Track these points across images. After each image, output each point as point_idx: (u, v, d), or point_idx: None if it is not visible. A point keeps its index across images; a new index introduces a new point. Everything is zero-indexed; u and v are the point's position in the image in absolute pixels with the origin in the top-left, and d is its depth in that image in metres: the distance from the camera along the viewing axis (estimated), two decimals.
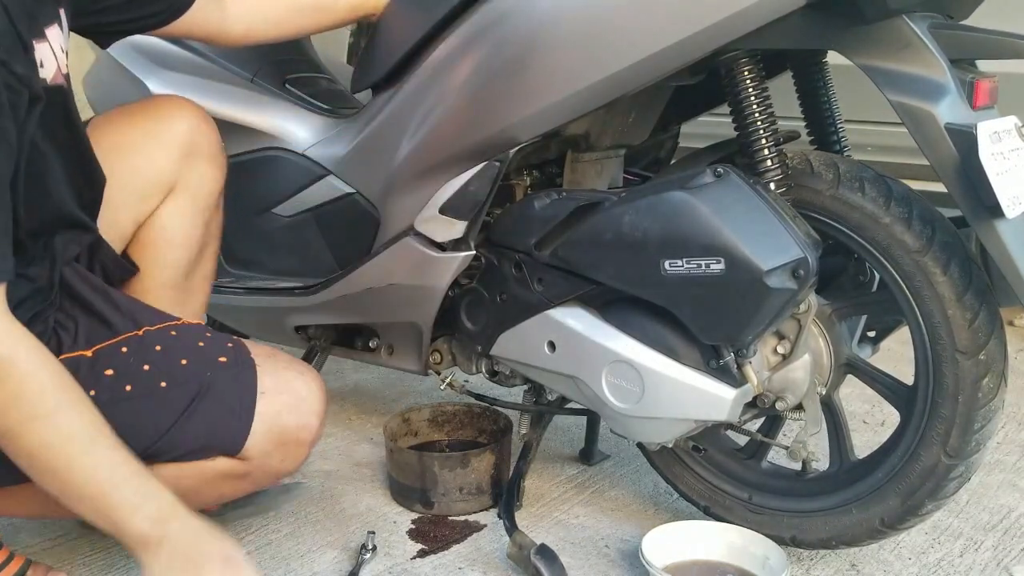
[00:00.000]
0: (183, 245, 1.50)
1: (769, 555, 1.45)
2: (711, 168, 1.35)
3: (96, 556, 1.56)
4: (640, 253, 1.36)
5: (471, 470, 1.69)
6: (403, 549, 1.60)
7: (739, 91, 1.40)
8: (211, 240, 1.57)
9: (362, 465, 1.91)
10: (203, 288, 1.59)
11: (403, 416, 1.87)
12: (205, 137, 1.50)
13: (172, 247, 1.49)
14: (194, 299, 1.57)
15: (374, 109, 1.66)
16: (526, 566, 1.48)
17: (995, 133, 1.21)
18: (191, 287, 1.54)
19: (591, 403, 1.50)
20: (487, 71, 1.45)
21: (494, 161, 1.48)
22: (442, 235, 1.54)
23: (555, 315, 1.49)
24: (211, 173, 1.52)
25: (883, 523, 1.43)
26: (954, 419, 1.34)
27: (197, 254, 1.53)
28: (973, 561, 1.57)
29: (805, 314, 1.39)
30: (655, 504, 1.76)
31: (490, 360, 1.64)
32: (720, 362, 1.38)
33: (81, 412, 1.12)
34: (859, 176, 1.36)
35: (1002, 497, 1.78)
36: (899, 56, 1.25)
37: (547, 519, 1.70)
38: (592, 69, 1.37)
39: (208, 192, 1.52)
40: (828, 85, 1.63)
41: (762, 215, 1.31)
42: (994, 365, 1.32)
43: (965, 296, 1.30)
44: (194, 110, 1.51)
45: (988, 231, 1.22)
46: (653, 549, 1.45)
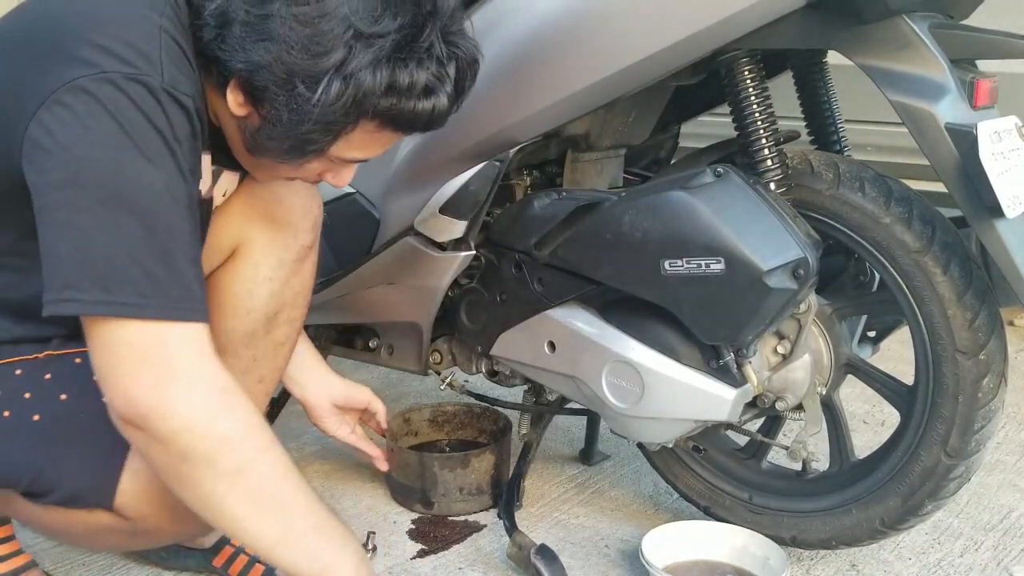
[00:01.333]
0: (235, 315, 1.37)
1: (769, 555, 1.45)
2: (711, 168, 1.35)
3: (96, 557, 1.55)
4: (640, 253, 1.36)
5: (471, 470, 1.69)
6: (403, 549, 1.60)
7: (739, 91, 1.40)
8: (284, 307, 1.41)
9: (362, 465, 1.91)
10: (273, 355, 1.43)
11: (403, 416, 1.87)
12: (287, 204, 1.38)
13: (223, 314, 1.37)
14: (259, 367, 1.42)
15: None
16: (526, 566, 1.48)
17: (995, 133, 1.21)
18: (256, 355, 1.41)
19: (591, 403, 1.50)
20: (487, 71, 1.44)
21: (494, 161, 1.48)
22: (442, 235, 1.54)
23: (555, 315, 1.49)
24: (280, 239, 1.37)
25: (883, 523, 1.43)
26: (954, 419, 1.34)
27: (262, 322, 1.39)
28: (973, 561, 1.57)
29: (805, 314, 1.39)
30: (655, 504, 1.76)
31: (490, 360, 1.64)
32: (720, 362, 1.38)
33: (282, 447, 1.09)
34: (859, 176, 1.36)
35: (1002, 497, 1.78)
36: (899, 56, 1.25)
37: (547, 519, 1.70)
38: (592, 69, 1.37)
39: (278, 260, 1.38)
40: (828, 85, 1.63)
41: (762, 215, 1.31)
42: (994, 365, 1.32)
43: (965, 296, 1.30)
44: (309, 190, 1.41)
45: (988, 231, 1.22)
46: (653, 549, 1.45)
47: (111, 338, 0.98)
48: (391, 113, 1.05)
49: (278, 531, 1.05)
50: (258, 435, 1.04)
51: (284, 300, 1.41)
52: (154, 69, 0.99)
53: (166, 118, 0.99)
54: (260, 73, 1.02)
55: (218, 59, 1.05)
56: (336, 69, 1.00)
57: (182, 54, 1.04)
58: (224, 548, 1.46)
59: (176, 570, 1.51)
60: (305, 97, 1.02)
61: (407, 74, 1.03)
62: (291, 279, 1.40)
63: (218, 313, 1.38)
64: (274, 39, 1.00)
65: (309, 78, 1.01)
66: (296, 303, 1.44)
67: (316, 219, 1.42)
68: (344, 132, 1.07)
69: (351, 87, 1.01)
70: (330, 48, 1.00)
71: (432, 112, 1.07)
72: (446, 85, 1.07)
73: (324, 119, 1.04)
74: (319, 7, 1.00)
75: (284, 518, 1.05)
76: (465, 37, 1.10)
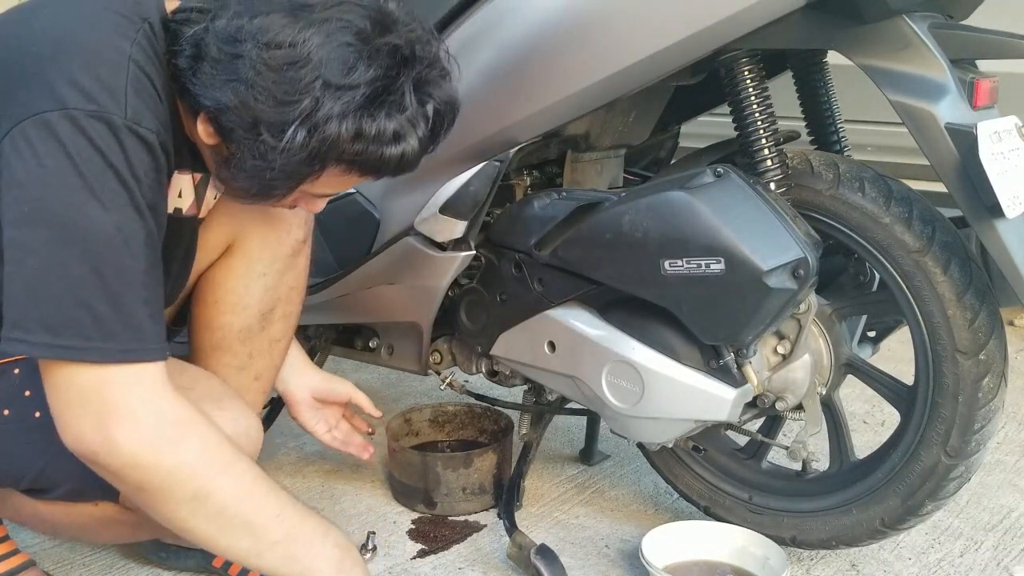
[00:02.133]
0: (230, 311, 1.39)
1: (769, 555, 1.45)
2: (711, 168, 1.35)
3: (96, 557, 1.56)
4: (640, 253, 1.36)
5: (474, 470, 1.69)
6: (403, 549, 1.60)
7: (739, 91, 1.40)
8: (278, 303, 1.43)
9: (362, 465, 1.91)
10: (269, 352, 1.45)
11: (404, 416, 1.87)
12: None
13: (219, 310, 1.39)
14: (255, 364, 1.44)
15: None
16: (526, 566, 1.48)
17: (995, 133, 1.21)
18: (252, 351, 1.42)
19: (591, 403, 1.50)
20: (487, 71, 1.45)
21: (494, 161, 1.48)
22: (442, 235, 1.54)
23: (555, 315, 1.49)
24: (274, 235, 1.39)
25: (883, 523, 1.43)
26: (954, 419, 1.34)
27: (257, 318, 1.41)
28: (973, 561, 1.57)
29: (805, 314, 1.39)
30: (655, 504, 1.76)
31: (490, 360, 1.64)
32: (720, 362, 1.38)
33: (246, 456, 1.11)
34: (859, 176, 1.36)
35: (1002, 497, 1.78)
36: (899, 56, 1.25)
37: (547, 519, 1.70)
38: (592, 69, 1.37)
39: (272, 256, 1.39)
40: (828, 85, 1.63)
41: (762, 215, 1.31)
42: (994, 365, 1.32)
43: (965, 296, 1.30)
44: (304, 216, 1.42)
45: (988, 231, 1.22)
46: (653, 549, 1.45)
47: (58, 379, 1.01)
48: (358, 160, 1.04)
49: (248, 545, 1.09)
50: (214, 460, 1.06)
51: (279, 295, 1.42)
52: (117, 104, 0.99)
53: (124, 156, 0.99)
54: (227, 114, 1.02)
55: (189, 91, 1.04)
56: (302, 119, 0.99)
57: (150, 85, 1.03)
58: None
59: (176, 570, 1.51)
60: (270, 145, 1.01)
61: (375, 125, 1.01)
62: (285, 274, 1.41)
63: (214, 309, 1.39)
64: (242, 82, 0.99)
65: (274, 126, 1.00)
66: (291, 298, 1.45)
67: (309, 215, 1.42)
68: (309, 178, 1.07)
69: (316, 138, 1.00)
70: (297, 98, 0.99)
71: (401, 159, 1.06)
72: (417, 132, 1.05)
73: (287, 168, 1.03)
74: (290, 53, 0.98)
75: (252, 533, 1.08)
76: (441, 82, 1.08)
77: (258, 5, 1.01)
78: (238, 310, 1.39)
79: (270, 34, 0.98)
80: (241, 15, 1.00)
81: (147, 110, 1.02)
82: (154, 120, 1.03)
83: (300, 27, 0.98)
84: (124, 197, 1.00)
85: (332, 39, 0.99)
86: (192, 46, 1.03)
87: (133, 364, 1.01)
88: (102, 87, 0.99)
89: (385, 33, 1.02)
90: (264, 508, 1.09)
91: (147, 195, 1.02)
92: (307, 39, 0.98)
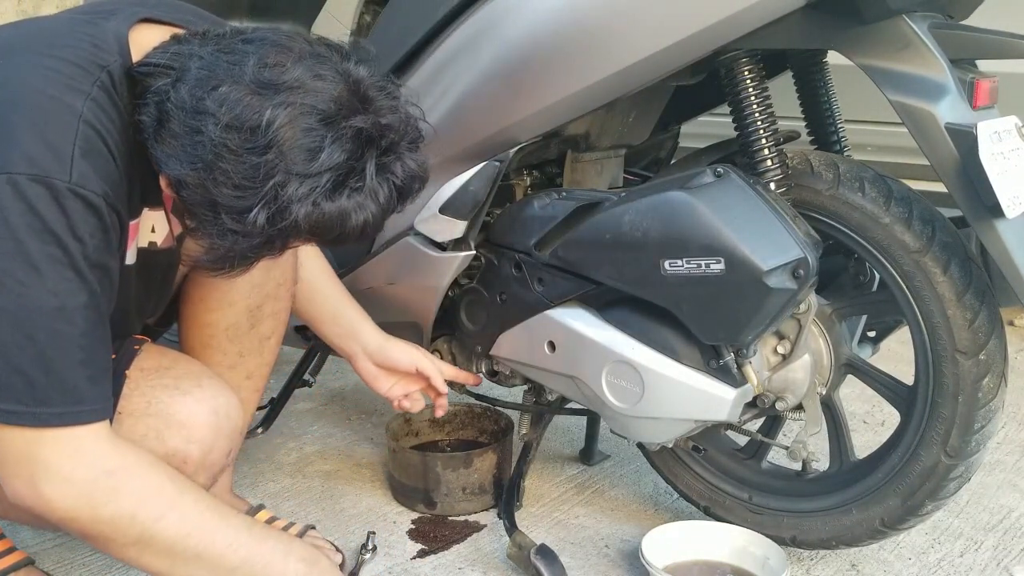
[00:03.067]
0: (217, 308, 1.39)
1: (769, 555, 1.45)
2: (711, 168, 1.35)
3: (96, 557, 1.56)
4: (640, 253, 1.36)
5: (474, 470, 1.69)
6: (403, 549, 1.60)
7: (739, 91, 1.40)
8: (267, 300, 1.42)
9: (362, 465, 1.91)
10: (259, 350, 1.45)
11: (404, 416, 1.86)
12: None
13: (206, 307, 1.39)
14: (245, 363, 1.44)
15: None
16: (526, 566, 1.48)
17: (995, 133, 1.21)
18: (241, 350, 1.43)
19: (591, 403, 1.50)
20: (487, 71, 1.45)
21: (494, 161, 1.48)
22: (442, 235, 1.54)
23: (555, 315, 1.49)
24: None
25: (883, 523, 1.43)
26: (954, 419, 1.34)
27: (245, 315, 1.41)
28: (973, 561, 1.57)
29: (805, 314, 1.39)
30: (655, 504, 1.76)
31: (490, 360, 1.64)
32: (720, 362, 1.38)
33: (195, 489, 1.12)
34: (859, 176, 1.36)
35: (1002, 497, 1.78)
36: (899, 56, 1.25)
37: (547, 519, 1.70)
38: (592, 69, 1.36)
39: None
40: (828, 85, 1.63)
41: (762, 215, 1.31)
42: (994, 365, 1.32)
43: (965, 296, 1.30)
44: None
45: (988, 231, 1.22)
46: (653, 549, 1.45)
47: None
48: (318, 235, 1.02)
49: (206, 574, 1.10)
50: (155, 503, 1.07)
51: (266, 292, 1.42)
52: (62, 167, 0.99)
53: (66, 219, 0.99)
54: (186, 190, 1.00)
55: (150, 152, 1.03)
56: (263, 204, 0.97)
57: (101, 144, 1.02)
58: None
59: None
60: (228, 227, 1.00)
61: (336, 207, 0.99)
62: (272, 270, 1.40)
63: (200, 307, 1.39)
64: (202, 163, 0.97)
65: (233, 209, 0.98)
66: (279, 295, 1.44)
67: None
68: (269, 256, 1.06)
69: (277, 222, 0.98)
70: (257, 185, 0.96)
71: (363, 231, 1.03)
72: (380, 204, 1.02)
73: (246, 248, 1.02)
74: (251, 138, 0.95)
75: (206, 565, 1.10)
76: (407, 156, 1.05)
77: (221, 71, 0.98)
78: (224, 307, 1.39)
79: (232, 113, 0.95)
80: (204, 83, 0.97)
81: (94, 172, 1.01)
82: (101, 183, 1.02)
83: (264, 108, 0.95)
84: (63, 261, 0.99)
85: (296, 124, 0.96)
86: (155, 106, 1.01)
87: (68, 427, 1.03)
88: (47, 149, 0.98)
89: (352, 114, 0.99)
90: (215, 540, 1.10)
91: (92, 256, 1.02)
92: (270, 122, 0.95)
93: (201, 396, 1.22)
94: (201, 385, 1.24)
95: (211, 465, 1.24)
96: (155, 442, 1.18)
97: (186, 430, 1.20)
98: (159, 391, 1.21)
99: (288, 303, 1.47)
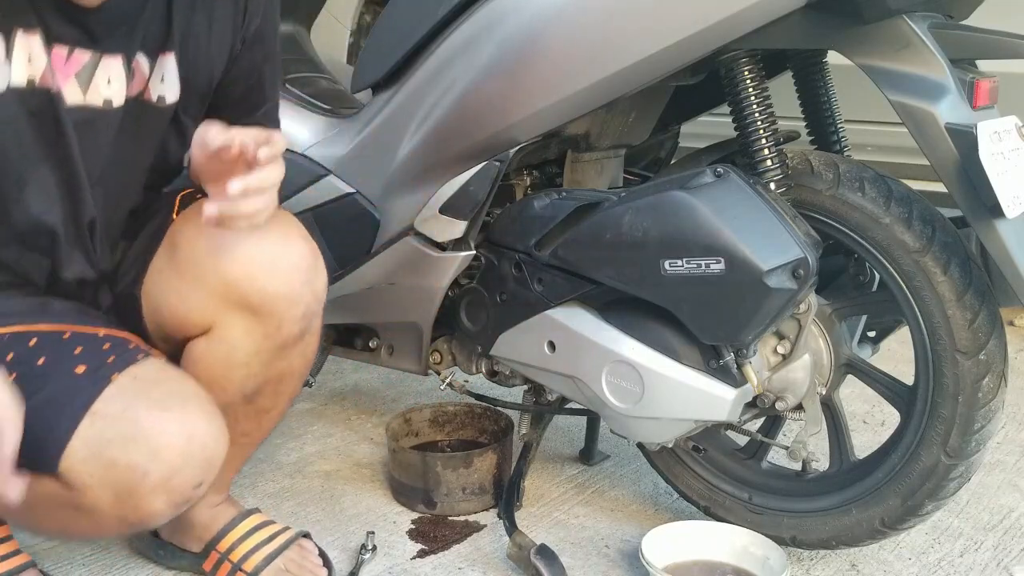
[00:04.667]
0: (210, 386, 1.24)
1: (769, 555, 1.45)
2: (711, 168, 1.35)
3: (96, 556, 1.56)
4: (640, 253, 1.36)
5: (474, 470, 1.69)
6: (403, 549, 1.60)
7: (739, 91, 1.40)
8: (266, 384, 1.33)
9: (362, 465, 1.91)
10: (257, 419, 1.38)
11: (404, 416, 1.87)
12: (270, 293, 1.25)
13: (199, 379, 1.25)
14: (240, 426, 1.33)
15: (374, 109, 1.66)
16: (526, 566, 1.48)
17: (995, 133, 1.21)
18: (237, 416, 1.32)
19: (591, 403, 1.50)
20: (487, 71, 1.45)
21: (494, 161, 1.48)
22: (442, 235, 1.54)
23: (555, 315, 1.49)
24: (260, 329, 1.27)
25: (883, 523, 1.43)
26: (954, 419, 1.34)
27: (239, 399, 1.32)
28: (973, 561, 1.57)
29: (805, 314, 1.39)
30: (655, 504, 1.76)
31: (490, 360, 1.64)
32: (720, 362, 1.38)
33: None
34: (859, 176, 1.36)
35: (1002, 497, 1.78)
36: (899, 56, 1.25)
37: (547, 519, 1.70)
38: (592, 69, 1.37)
39: (256, 348, 1.28)
40: (828, 85, 1.63)
41: (762, 215, 1.31)
42: (994, 365, 1.32)
43: (965, 296, 1.30)
44: (304, 266, 1.27)
45: (988, 231, 1.22)
46: (653, 549, 1.45)
47: None
48: None
49: None
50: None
51: (266, 379, 1.33)
52: None
53: None
54: None
55: None
56: None
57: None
58: (211, 553, 1.46)
59: (174, 569, 1.51)
60: None
61: None
62: (273, 363, 1.31)
63: (196, 377, 1.27)
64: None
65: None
66: (282, 379, 1.35)
67: (310, 305, 1.29)
68: None
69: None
70: None
71: None
72: None
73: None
74: None
75: None
76: None
77: None
78: (216, 389, 1.27)
79: None
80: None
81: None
82: None
83: None
84: None
85: None
86: None
87: None
88: None
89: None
90: None
91: None
92: None
93: (182, 417, 1.13)
94: (186, 407, 1.15)
95: (172, 490, 1.13)
96: (118, 450, 1.10)
97: (153, 446, 1.11)
98: (141, 400, 1.13)
99: (297, 383, 1.38)
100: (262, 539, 1.44)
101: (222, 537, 1.44)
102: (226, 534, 1.44)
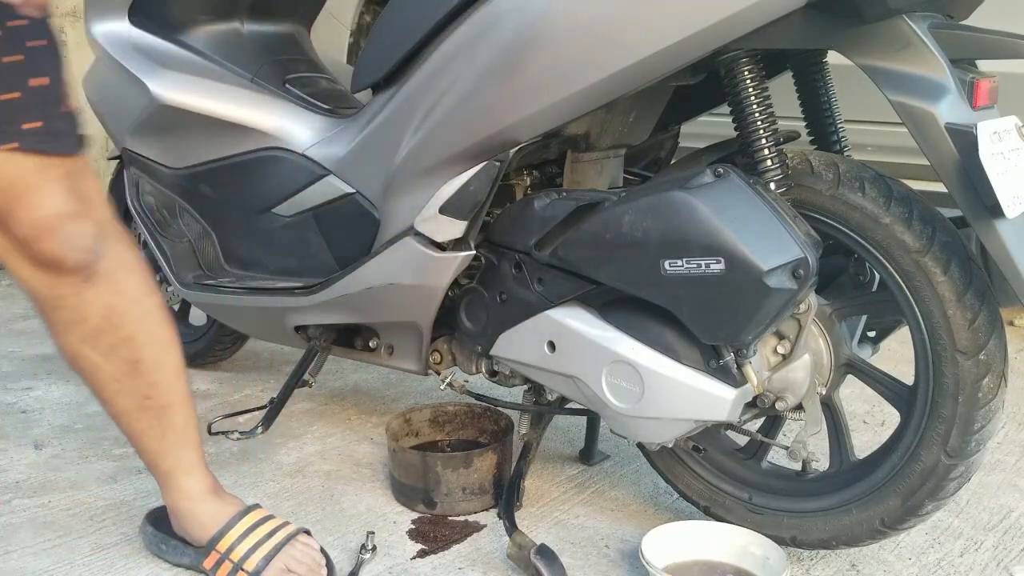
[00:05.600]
0: None
1: (769, 555, 1.45)
2: (711, 168, 1.35)
3: (96, 556, 1.56)
4: (640, 253, 1.36)
5: (474, 470, 1.69)
6: (403, 549, 1.60)
7: (739, 91, 1.40)
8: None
9: (362, 465, 1.91)
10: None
11: (404, 416, 1.87)
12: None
13: None
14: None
15: (374, 109, 1.66)
16: (526, 566, 1.48)
17: (995, 133, 1.21)
18: None
19: (591, 403, 1.50)
20: (487, 71, 1.45)
21: (494, 161, 1.48)
22: (442, 235, 1.54)
23: (555, 315, 1.49)
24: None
25: (883, 523, 1.43)
26: (954, 419, 1.34)
27: None
28: (973, 561, 1.57)
29: (805, 314, 1.39)
30: (655, 504, 1.76)
31: (490, 360, 1.64)
32: (720, 362, 1.38)
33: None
34: (859, 176, 1.36)
35: (1002, 497, 1.78)
36: (899, 56, 1.25)
37: (547, 519, 1.70)
38: (592, 69, 1.37)
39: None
40: (828, 85, 1.63)
41: (762, 215, 1.31)
42: (994, 365, 1.32)
43: (965, 296, 1.31)
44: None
45: (988, 231, 1.22)
46: (653, 549, 1.45)
47: None
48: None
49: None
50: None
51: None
52: None
53: None
54: None
55: None
56: None
57: None
58: (211, 552, 1.46)
59: (176, 567, 1.51)
60: None
61: None
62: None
63: None
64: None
65: None
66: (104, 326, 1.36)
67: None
68: None
69: None
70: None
71: None
72: None
73: None
74: None
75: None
76: None
77: None
78: None
79: None
80: None
81: None
82: None
83: None
84: None
85: None
86: None
87: None
88: None
89: None
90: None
91: None
92: None
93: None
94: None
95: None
96: None
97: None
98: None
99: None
100: (262, 536, 1.44)
101: (222, 536, 1.44)
102: (226, 533, 1.45)
